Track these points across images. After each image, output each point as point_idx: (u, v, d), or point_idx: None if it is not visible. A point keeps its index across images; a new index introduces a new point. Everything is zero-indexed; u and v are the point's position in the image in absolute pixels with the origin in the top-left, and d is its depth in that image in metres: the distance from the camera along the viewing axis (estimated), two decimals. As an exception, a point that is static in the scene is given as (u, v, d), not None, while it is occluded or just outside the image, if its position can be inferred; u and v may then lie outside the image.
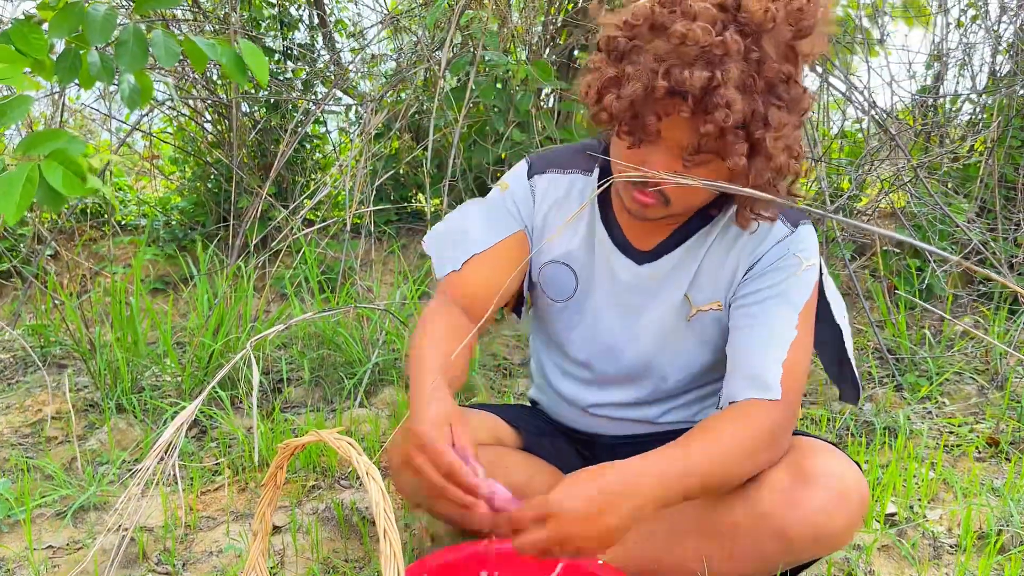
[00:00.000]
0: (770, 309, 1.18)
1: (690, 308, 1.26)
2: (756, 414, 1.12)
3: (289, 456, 0.98)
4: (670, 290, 1.26)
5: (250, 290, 2.24)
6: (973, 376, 2.21)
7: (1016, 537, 1.50)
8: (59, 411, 2.08)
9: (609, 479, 1.02)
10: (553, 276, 1.32)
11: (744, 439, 1.10)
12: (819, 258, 1.22)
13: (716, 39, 1.00)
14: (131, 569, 1.44)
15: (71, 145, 1.09)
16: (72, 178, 1.02)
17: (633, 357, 1.31)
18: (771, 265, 1.20)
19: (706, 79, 0.99)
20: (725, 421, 1.12)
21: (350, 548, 1.51)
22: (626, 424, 1.37)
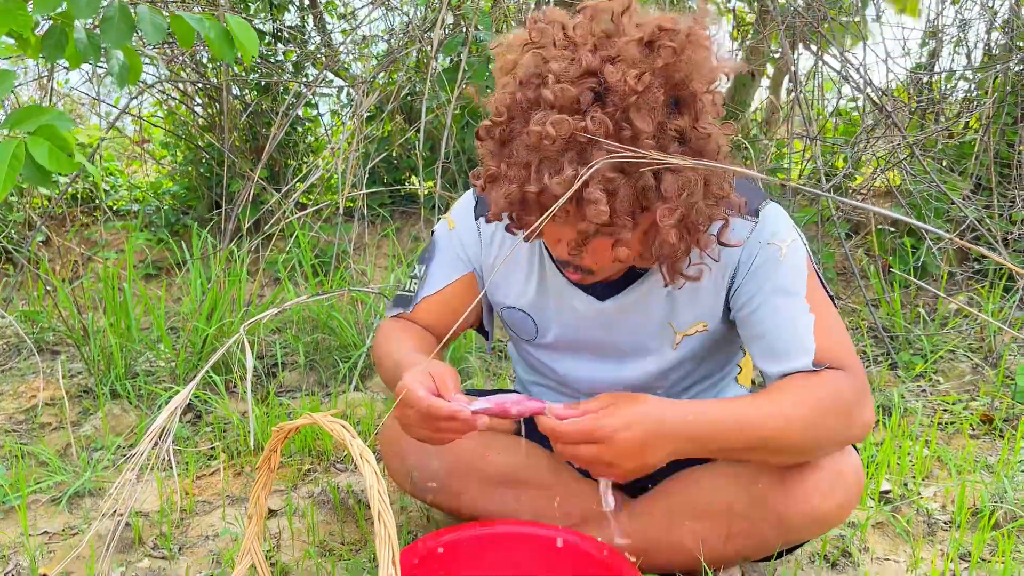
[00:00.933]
0: (777, 309, 1.12)
1: (674, 335, 1.23)
2: (826, 377, 1.06)
3: (283, 439, 0.97)
4: (644, 318, 1.22)
5: (243, 274, 2.23)
6: (967, 354, 2.22)
7: (1010, 513, 1.51)
8: (53, 397, 2.07)
9: (667, 419, 1.00)
10: (513, 319, 1.31)
11: (811, 400, 1.04)
12: (795, 229, 1.17)
13: (579, 125, 0.93)
14: (127, 554, 1.44)
15: (58, 121, 1.08)
16: (58, 154, 1.01)
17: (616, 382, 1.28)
18: (752, 266, 1.14)
19: (571, 180, 0.93)
20: (792, 381, 1.06)
21: (346, 531, 1.51)
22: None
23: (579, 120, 0.94)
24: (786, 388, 1.06)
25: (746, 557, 1.22)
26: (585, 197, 0.95)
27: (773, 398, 1.05)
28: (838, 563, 1.41)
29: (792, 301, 1.12)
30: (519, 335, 1.33)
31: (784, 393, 1.06)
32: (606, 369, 1.28)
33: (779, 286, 1.13)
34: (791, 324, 1.11)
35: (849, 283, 2.74)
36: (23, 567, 1.39)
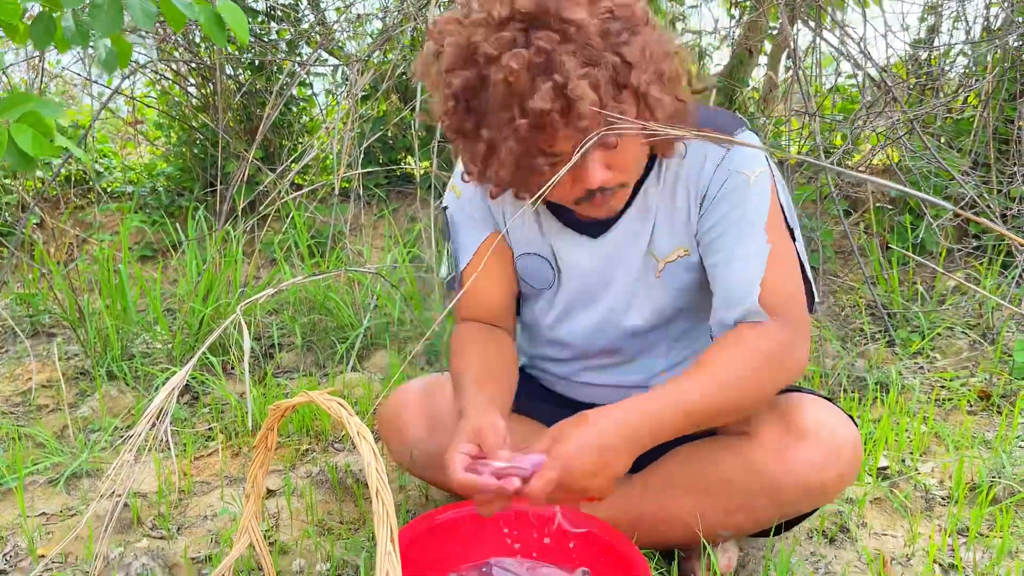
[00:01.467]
0: (735, 234, 1.14)
1: (656, 263, 1.23)
2: (749, 337, 1.09)
3: (280, 417, 0.97)
4: (632, 252, 1.23)
5: (239, 255, 2.22)
6: (965, 331, 2.22)
7: (1008, 488, 1.51)
8: (49, 379, 2.07)
9: (611, 429, 1.02)
10: (529, 267, 1.30)
11: (739, 364, 1.07)
12: (767, 161, 1.17)
13: (531, 53, 0.97)
14: (126, 534, 1.44)
15: (43, 108, 1.06)
16: (41, 140, 1.00)
17: (615, 329, 1.29)
18: (720, 190, 1.15)
19: (551, 90, 0.96)
20: (717, 350, 1.09)
21: (345, 510, 1.51)
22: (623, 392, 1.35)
23: (530, 48, 0.98)
24: (718, 358, 1.08)
25: (744, 531, 1.22)
26: (570, 96, 0.97)
27: (707, 372, 1.07)
28: (836, 538, 1.42)
29: (750, 229, 1.13)
30: (537, 286, 1.31)
31: (717, 364, 1.07)
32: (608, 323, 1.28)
33: (741, 213, 1.14)
34: (746, 255, 1.13)
35: (847, 261, 2.74)
36: (21, 548, 1.39)
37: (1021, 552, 1.36)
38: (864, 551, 1.37)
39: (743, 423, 1.20)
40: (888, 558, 1.36)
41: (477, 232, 1.29)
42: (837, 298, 2.52)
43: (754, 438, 1.18)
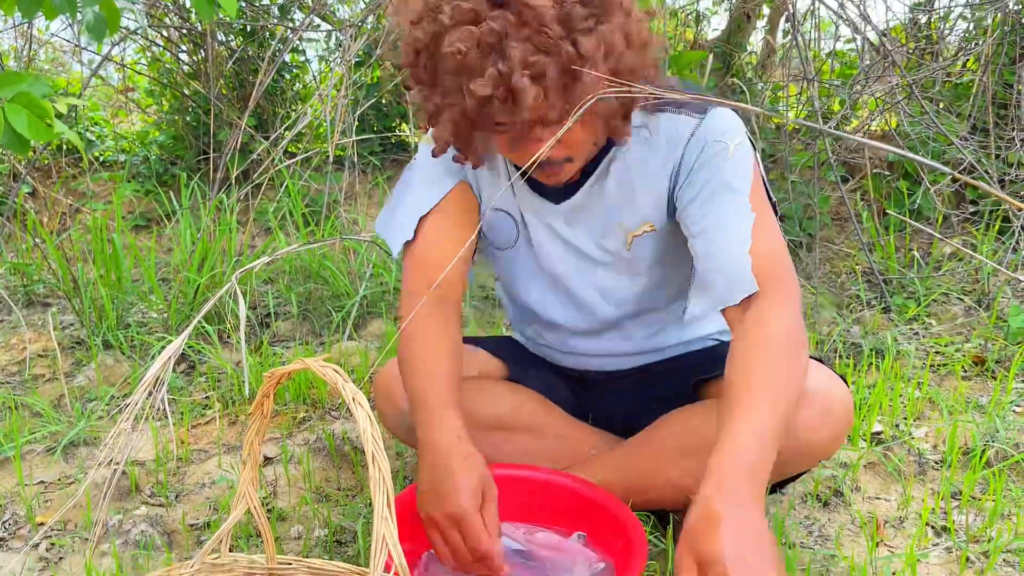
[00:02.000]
0: (717, 205, 1.11)
1: (624, 236, 1.22)
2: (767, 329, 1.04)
3: (275, 384, 0.97)
4: (599, 220, 1.21)
5: (233, 223, 2.21)
6: (960, 297, 2.22)
7: (1001, 452, 1.52)
8: (45, 349, 2.06)
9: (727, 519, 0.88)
10: (494, 223, 1.28)
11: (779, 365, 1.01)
12: (745, 132, 1.16)
13: (482, 32, 0.96)
14: (124, 502, 1.45)
15: (34, 87, 1.05)
16: (37, 123, 0.99)
17: (583, 295, 1.28)
18: (696, 162, 1.13)
19: (494, 77, 0.96)
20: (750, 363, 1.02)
21: (342, 477, 1.52)
22: (609, 359, 1.35)
23: (483, 26, 0.96)
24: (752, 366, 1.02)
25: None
26: (513, 87, 0.96)
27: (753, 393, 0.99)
28: (829, 502, 1.43)
29: (733, 199, 1.11)
30: (500, 244, 1.29)
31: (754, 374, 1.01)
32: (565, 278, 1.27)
33: (722, 182, 1.12)
34: (727, 231, 1.10)
35: (844, 228, 2.73)
36: (20, 516, 1.40)
37: (1013, 515, 1.37)
38: (858, 514, 1.38)
39: None
40: (881, 521, 1.37)
41: (445, 180, 1.24)
42: (833, 265, 2.52)
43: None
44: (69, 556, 1.30)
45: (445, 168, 1.23)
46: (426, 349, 1.19)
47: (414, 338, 1.20)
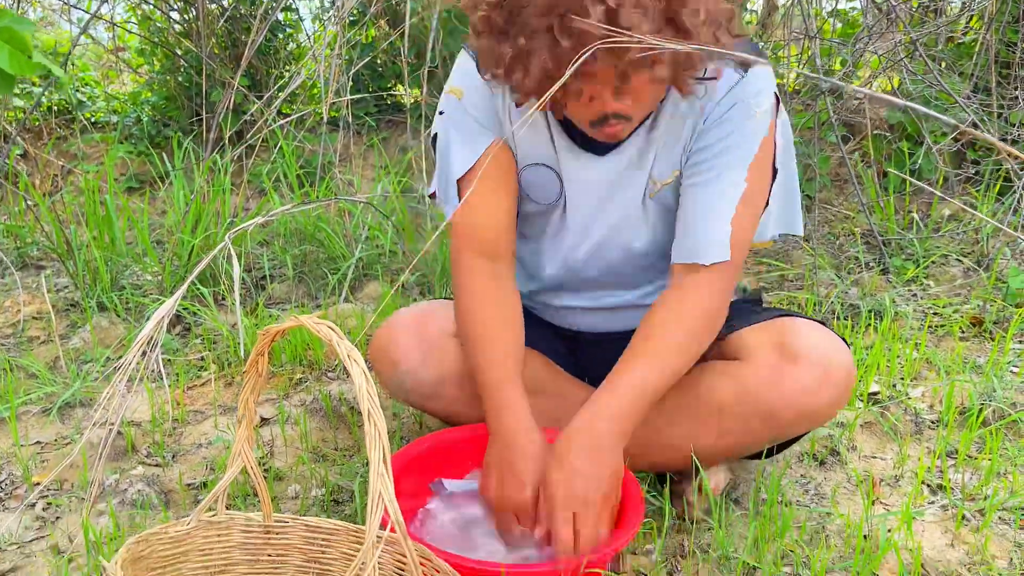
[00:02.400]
0: (719, 165, 1.13)
1: (653, 185, 1.20)
2: (694, 296, 1.13)
3: (270, 342, 0.96)
4: (636, 174, 1.20)
5: (227, 184, 2.18)
6: (959, 258, 2.21)
7: (998, 411, 1.52)
8: (39, 311, 2.05)
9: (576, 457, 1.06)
10: (536, 179, 1.24)
11: (683, 331, 1.12)
12: (773, 101, 1.15)
13: None
14: (121, 462, 1.44)
15: (17, 24, 1.02)
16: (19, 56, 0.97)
17: (611, 251, 1.26)
18: (721, 117, 1.13)
19: (603, 14, 0.92)
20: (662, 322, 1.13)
21: (339, 437, 1.52)
22: (607, 316, 1.34)
23: None
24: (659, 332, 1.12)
25: (736, 454, 1.23)
26: (620, 24, 0.92)
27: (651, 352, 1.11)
28: (826, 461, 1.43)
29: (734, 164, 1.13)
30: (541, 201, 1.25)
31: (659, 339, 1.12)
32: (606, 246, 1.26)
33: (731, 144, 1.13)
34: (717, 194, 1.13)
35: (843, 189, 2.71)
36: (16, 476, 1.40)
37: (1009, 473, 1.37)
38: (854, 472, 1.39)
39: (737, 347, 1.20)
40: (877, 479, 1.37)
41: (479, 138, 1.20)
42: (832, 227, 2.50)
43: (747, 362, 1.17)
44: (66, 515, 1.30)
45: (476, 126, 1.20)
46: (486, 320, 1.18)
47: (473, 306, 1.20)
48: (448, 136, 1.23)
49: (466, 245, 1.21)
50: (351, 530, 1.04)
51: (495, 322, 1.18)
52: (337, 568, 1.03)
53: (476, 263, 1.21)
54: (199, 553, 0.98)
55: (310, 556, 1.04)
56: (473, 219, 1.21)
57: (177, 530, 0.95)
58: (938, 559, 1.19)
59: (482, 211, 1.21)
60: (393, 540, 1.01)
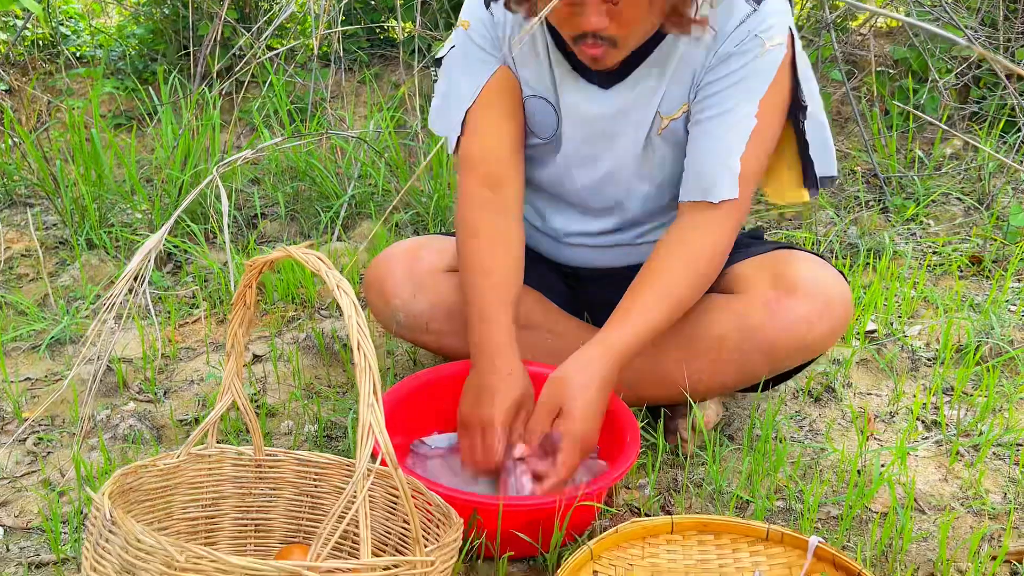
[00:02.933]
0: (728, 100, 1.11)
1: (661, 121, 1.18)
2: (701, 235, 1.12)
3: (257, 274, 0.93)
4: (642, 109, 1.17)
5: (216, 118, 2.13)
6: (960, 197, 2.18)
7: (995, 348, 1.51)
8: (28, 249, 2.02)
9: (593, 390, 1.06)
10: (535, 111, 1.22)
11: (689, 271, 1.11)
12: (789, 34, 1.12)
13: None
14: (113, 398, 1.43)
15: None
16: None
17: (614, 187, 1.24)
18: (734, 49, 1.10)
19: None
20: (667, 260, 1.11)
21: (332, 374, 1.51)
22: (607, 252, 1.32)
23: None
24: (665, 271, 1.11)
25: (732, 388, 1.22)
26: None
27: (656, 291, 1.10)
28: (821, 398, 1.43)
29: (744, 99, 1.10)
30: (538, 133, 1.24)
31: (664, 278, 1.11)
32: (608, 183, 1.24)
33: (742, 78, 1.10)
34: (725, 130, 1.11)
35: (844, 128, 2.66)
36: (7, 412, 1.39)
37: (1005, 410, 1.37)
38: (850, 408, 1.38)
39: (734, 280, 1.18)
40: (872, 415, 1.37)
41: (484, 67, 1.19)
42: (832, 165, 2.47)
43: (745, 295, 1.16)
44: (57, 450, 1.29)
45: (481, 55, 1.19)
46: (483, 249, 1.17)
47: (473, 236, 1.18)
48: (454, 66, 1.21)
49: (469, 172, 1.20)
50: (343, 464, 1.03)
51: (492, 252, 1.17)
52: (330, 501, 1.03)
53: (478, 193, 1.19)
54: (189, 486, 0.97)
55: (302, 490, 1.03)
56: (477, 148, 1.20)
57: (166, 463, 0.95)
58: (931, 493, 1.19)
59: (487, 140, 1.19)
60: (385, 474, 1.00)
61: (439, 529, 0.94)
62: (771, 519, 1.14)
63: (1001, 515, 1.15)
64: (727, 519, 1.00)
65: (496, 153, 1.19)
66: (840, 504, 1.16)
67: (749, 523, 0.99)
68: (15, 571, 1.05)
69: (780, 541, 0.98)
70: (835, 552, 0.94)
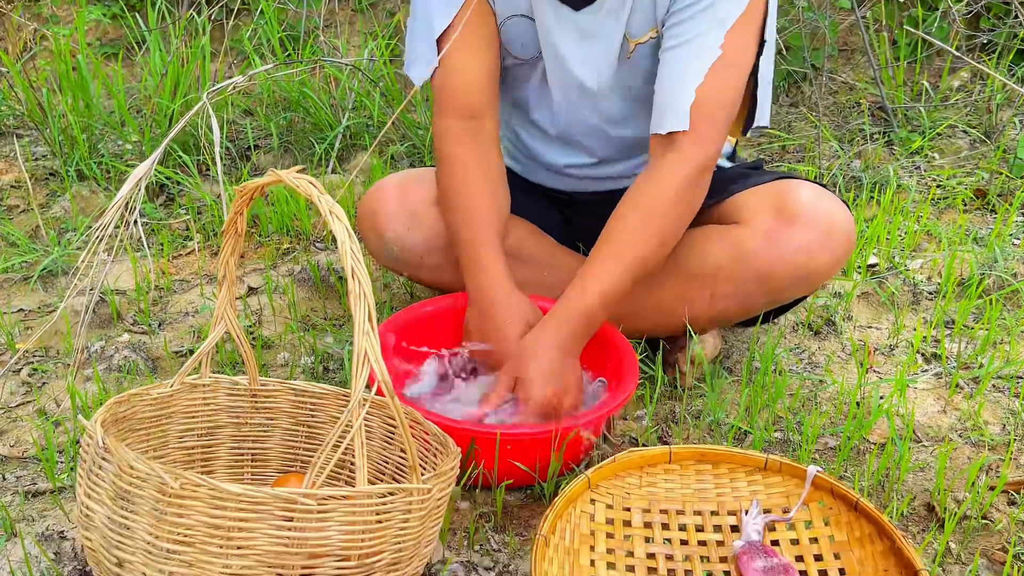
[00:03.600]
0: (695, 27, 1.06)
1: (628, 44, 1.14)
2: (663, 173, 1.07)
3: (248, 199, 0.91)
4: (612, 30, 1.13)
5: (206, 45, 2.07)
6: (966, 129, 2.14)
7: (998, 281, 1.50)
8: (17, 180, 1.99)
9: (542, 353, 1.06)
10: (516, 32, 1.18)
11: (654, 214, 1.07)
12: None
13: None
14: (107, 329, 1.42)
15: None
16: None
17: (591, 112, 1.21)
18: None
19: None
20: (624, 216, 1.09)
21: (328, 307, 1.49)
22: (603, 181, 1.30)
23: None
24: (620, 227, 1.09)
25: (731, 319, 1.21)
26: None
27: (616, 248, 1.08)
28: (821, 331, 1.42)
29: (710, 28, 1.06)
30: (518, 55, 1.20)
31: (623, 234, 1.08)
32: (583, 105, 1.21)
33: (710, 4, 1.05)
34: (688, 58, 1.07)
35: (850, 59, 2.60)
36: (0, 343, 1.38)
37: (1006, 343, 1.36)
38: (851, 340, 1.38)
39: (734, 211, 1.15)
40: (872, 348, 1.36)
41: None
42: (837, 97, 2.41)
43: (744, 225, 1.14)
44: (52, 381, 1.28)
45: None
46: (464, 184, 1.15)
47: (452, 174, 1.16)
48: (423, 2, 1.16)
49: (446, 106, 1.17)
50: (340, 394, 1.02)
51: (473, 185, 1.15)
52: (326, 432, 1.03)
53: (455, 125, 1.17)
54: (184, 415, 0.97)
55: (298, 420, 1.03)
56: (452, 79, 1.16)
57: (160, 391, 0.93)
58: (929, 424, 1.19)
59: (461, 70, 1.16)
60: (382, 404, 1.00)
61: (436, 458, 0.93)
62: (769, 450, 1.14)
63: (1000, 446, 1.15)
64: (725, 449, 1.00)
65: (471, 82, 1.17)
66: (838, 435, 1.16)
67: (747, 453, 0.99)
68: (12, 499, 1.05)
69: (778, 471, 0.98)
70: (833, 481, 0.94)
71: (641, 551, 0.94)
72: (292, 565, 0.72)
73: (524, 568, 0.96)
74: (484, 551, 0.98)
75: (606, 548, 0.93)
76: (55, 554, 0.96)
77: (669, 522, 0.97)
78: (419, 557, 0.82)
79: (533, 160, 1.33)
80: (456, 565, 0.96)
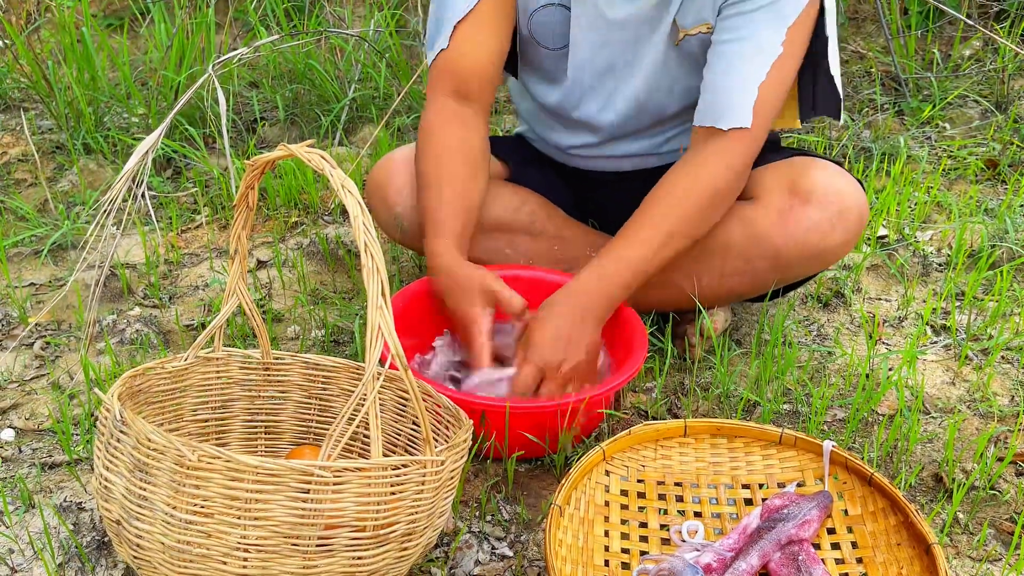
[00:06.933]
0: (755, 22, 1.05)
1: (678, 32, 1.12)
2: (711, 165, 1.07)
3: (259, 174, 0.91)
4: (660, 18, 1.12)
5: (211, 17, 2.06)
6: (977, 99, 2.12)
7: (1009, 253, 1.49)
8: (24, 153, 1.99)
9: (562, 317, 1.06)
10: (546, 21, 1.17)
11: (695, 202, 1.08)
12: None
13: None
14: (118, 303, 1.43)
15: None
16: None
17: (627, 99, 1.20)
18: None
19: None
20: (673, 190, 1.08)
21: (337, 280, 1.50)
22: (616, 160, 1.29)
23: None
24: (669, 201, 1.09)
25: (741, 295, 1.21)
26: None
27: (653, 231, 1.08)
28: (830, 303, 1.42)
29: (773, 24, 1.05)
30: (548, 45, 1.19)
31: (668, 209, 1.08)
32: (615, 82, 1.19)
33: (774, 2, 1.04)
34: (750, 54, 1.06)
35: (860, 28, 2.57)
36: (12, 317, 1.38)
37: (1016, 314, 1.36)
38: (860, 312, 1.38)
39: (749, 187, 1.15)
40: (881, 320, 1.36)
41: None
42: (847, 66, 2.39)
43: (757, 202, 1.13)
44: (65, 354, 1.29)
45: None
46: (438, 161, 1.15)
47: (426, 151, 1.16)
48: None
49: (439, 82, 1.17)
50: (352, 367, 1.03)
51: (446, 166, 1.14)
52: (339, 405, 1.03)
53: (444, 103, 1.17)
54: (198, 388, 0.97)
55: (311, 393, 1.03)
56: (453, 57, 1.16)
57: (174, 365, 0.94)
58: (938, 396, 1.19)
59: (464, 49, 1.16)
60: (394, 377, 1.00)
61: (448, 431, 0.94)
62: (778, 421, 1.14)
63: (1009, 417, 1.15)
64: (740, 423, 1.00)
65: (471, 62, 1.16)
66: (847, 407, 1.16)
67: (762, 427, 0.99)
68: (28, 472, 1.06)
69: (793, 445, 0.98)
70: (848, 456, 0.94)
71: (655, 523, 0.94)
72: (308, 536, 0.73)
73: (535, 538, 0.97)
74: (496, 521, 0.99)
75: (620, 519, 0.94)
76: (74, 524, 0.98)
77: (684, 495, 0.97)
78: (432, 528, 0.83)
79: (549, 142, 1.33)
80: (468, 535, 0.97)
